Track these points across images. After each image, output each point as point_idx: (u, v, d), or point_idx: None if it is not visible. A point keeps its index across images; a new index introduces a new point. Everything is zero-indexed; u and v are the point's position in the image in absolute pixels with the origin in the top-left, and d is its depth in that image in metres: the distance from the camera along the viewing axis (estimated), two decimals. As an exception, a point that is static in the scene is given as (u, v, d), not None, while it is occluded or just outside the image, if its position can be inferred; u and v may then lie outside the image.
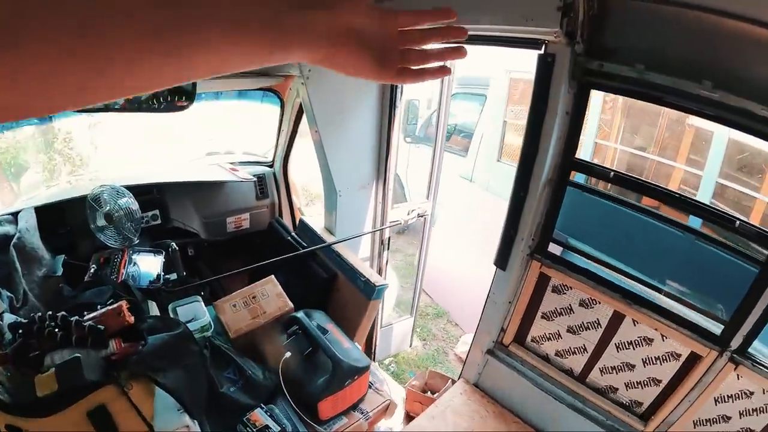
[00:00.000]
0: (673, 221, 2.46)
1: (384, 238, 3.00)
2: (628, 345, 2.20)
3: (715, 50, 1.69)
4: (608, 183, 2.16)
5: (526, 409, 2.53)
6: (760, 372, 1.86)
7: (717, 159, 3.13)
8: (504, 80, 4.11)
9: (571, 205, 2.54)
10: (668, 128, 3.59)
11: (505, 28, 1.95)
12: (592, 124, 3.58)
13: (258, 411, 2.00)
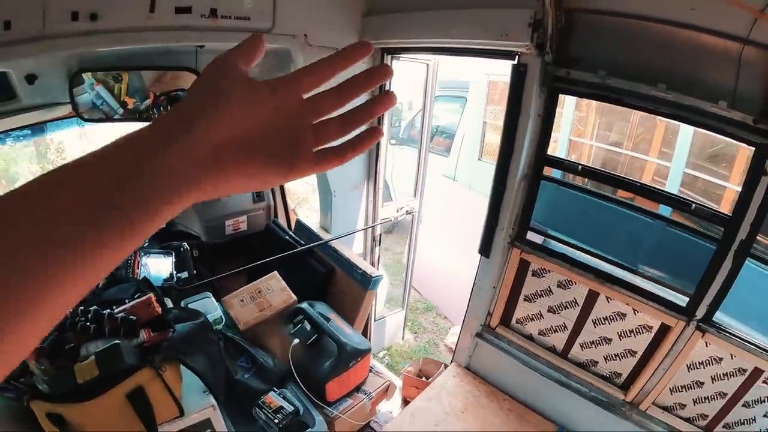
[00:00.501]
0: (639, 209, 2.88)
1: (375, 235, 3.33)
2: (604, 320, 2.58)
3: (668, 57, 2.07)
4: (578, 176, 2.57)
5: (515, 386, 2.90)
6: (726, 338, 2.24)
7: (683, 151, 3.58)
8: (483, 83, 4.52)
9: (549, 201, 2.95)
10: (640, 123, 4.04)
11: (483, 42, 2.35)
12: (566, 124, 4.01)
13: (272, 394, 2.29)
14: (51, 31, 1.79)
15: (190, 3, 1.98)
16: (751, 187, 2.00)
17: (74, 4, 1.81)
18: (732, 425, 2.48)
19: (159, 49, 2.11)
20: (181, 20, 1.99)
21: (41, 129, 2.67)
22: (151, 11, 1.92)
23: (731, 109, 1.93)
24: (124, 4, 1.89)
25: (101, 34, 1.88)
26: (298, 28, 2.37)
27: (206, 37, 2.09)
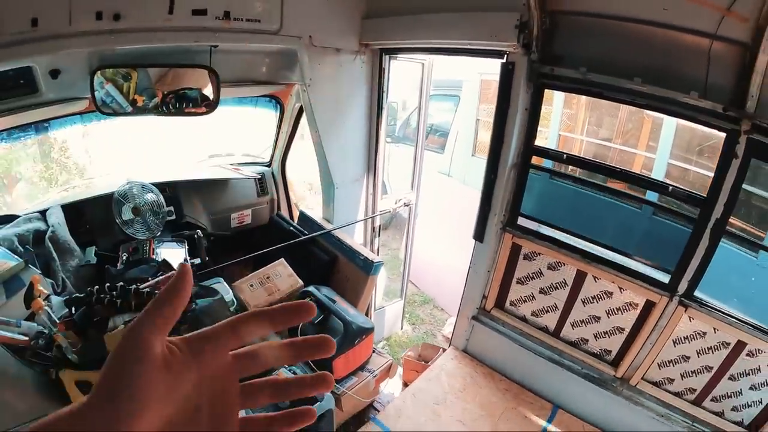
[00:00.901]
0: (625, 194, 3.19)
1: (375, 226, 3.60)
2: (592, 299, 2.85)
3: (644, 53, 2.37)
4: (563, 163, 2.86)
5: (511, 366, 3.16)
6: (707, 313, 2.53)
7: (667, 143, 3.91)
8: (475, 82, 4.87)
9: (540, 191, 3.24)
10: (628, 119, 4.38)
11: (475, 42, 2.64)
12: (555, 120, 4.34)
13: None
14: (76, 29, 2.01)
15: (206, 5, 2.22)
16: (723, 169, 2.27)
17: (99, 4, 2.03)
18: (719, 398, 2.73)
19: (176, 48, 2.34)
20: (197, 21, 2.24)
21: (45, 127, 2.89)
22: (170, 13, 2.16)
23: (702, 99, 2.20)
24: (145, 5, 2.12)
25: (123, 33, 2.11)
26: (303, 29, 2.62)
27: (220, 38, 2.33)
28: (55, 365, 1.88)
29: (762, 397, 2.63)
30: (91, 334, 2.00)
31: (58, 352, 1.90)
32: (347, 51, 2.98)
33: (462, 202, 3.96)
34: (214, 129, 3.57)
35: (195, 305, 2.14)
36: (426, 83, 3.43)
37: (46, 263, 2.47)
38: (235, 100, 3.12)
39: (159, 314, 0.39)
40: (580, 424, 3.01)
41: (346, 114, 3.14)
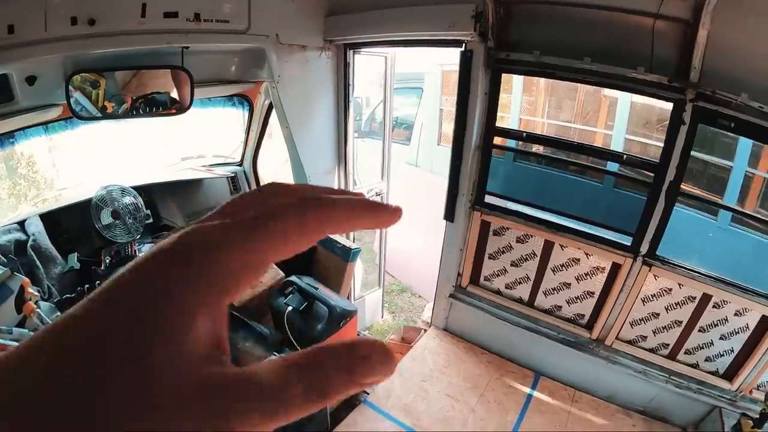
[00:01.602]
0: (588, 167, 3.56)
1: (350, 216, 3.85)
2: (561, 267, 3.21)
3: (592, 34, 2.72)
4: (523, 141, 3.22)
5: (491, 339, 3.49)
6: (671, 269, 2.90)
7: (623, 120, 4.35)
8: (437, 73, 5.25)
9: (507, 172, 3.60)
10: (587, 101, 4.83)
11: (433, 33, 2.95)
12: (515, 105, 4.76)
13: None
14: (52, 34, 2.17)
15: (177, 8, 2.43)
16: (672, 135, 2.66)
17: (74, 9, 2.19)
18: (693, 350, 3.11)
19: (149, 51, 2.53)
20: (168, 24, 2.45)
21: (11, 141, 3.03)
22: (143, 16, 2.36)
23: (649, 73, 2.57)
24: (118, 9, 2.31)
25: (98, 38, 2.29)
26: (270, 28, 2.86)
27: (191, 39, 2.54)
28: None
29: (733, 346, 3.01)
30: None
31: None
32: (313, 47, 3.24)
33: (430, 190, 4.27)
34: (185, 132, 3.78)
35: None
36: (389, 76, 3.74)
37: (30, 272, 2.59)
38: (204, 101, 3.31)
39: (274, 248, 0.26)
40: (563, 388, 3.36)
41: (314, 108, 3.41)
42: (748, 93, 2.41)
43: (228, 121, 3.66)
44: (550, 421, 3.15)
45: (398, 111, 6.02)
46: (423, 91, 5.72)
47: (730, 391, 3.08)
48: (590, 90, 4.70)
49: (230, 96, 3.39)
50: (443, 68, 5.19)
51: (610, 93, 4.48)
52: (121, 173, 3.27)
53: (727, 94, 2.46)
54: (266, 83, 3.18)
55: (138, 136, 3.75)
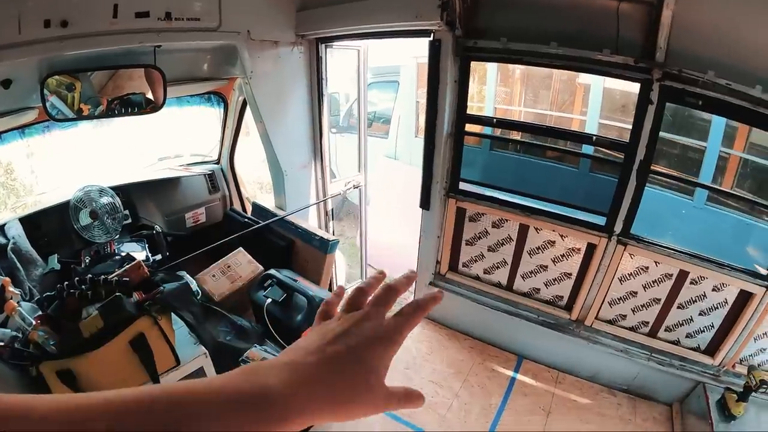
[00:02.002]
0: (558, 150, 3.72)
1: (328, 210, 4.03)
2: (538, 250, 3.36)
3: (558, 19, 2.87)
4: (494, 127, 3.39)
5: (472, 325, 3.64)
6: (646, 247, 3.06)
7: (596, 104, 4.54)
8: (412, 66, 5.46)
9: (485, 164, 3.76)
10: (561, 90, 5.04)
11: (401, 24, 3.09)
12: (489, 95, 4.95)
13: (254, 349, 2.86)
14: (26, 37, 2.27)
15: (148, 8, 2.56)
16: (641, 115, 2.81)
17: (46, 12, 2.30)
18: (673, 327, 3.28)
19: (122, 51, 2.65)
20: (140, 23, 2.57)
21: None
22: (115, 16, 2.48)
23: (615, 55, 2.72)
24: (90, 11, 2.42)
25: (72, 39, 2.40)
26: (241, 25, 3.00)
27: (163, 38, 2.67)
28: (34, 361, 2.05)
29: (713, 321, 3.18)
30: (66, 326, 2.23)
31: (36, 349, 2.08)
32: (284, 43, 3.38)
33: (409, 182, 4.40)
34: (162, 133, 3.92)
35: (163, 288, 2.45)
36: (362, 69, 3.90)
37: (11, 274, 2.65)
38: (180, 100, 3.44)
39: (408, 329, 0.55)
40: (546, 370, 3.52)
41: (288, 103, 3.55)
42: (714, 71, 2.55)
43: (204, 119, 3.79)
44: (534, 403, 3.31)
45: (377, 106, 6.32)
46: (399, 84, 5.93)
47: (712, 366, 3.24)
48: (565, 79, 4.92)
49: (205, 94, 3.52)
50: (418, 61, 5.38)
51: (584, 80, 4.68)
52: (99, 175, 3.37)
53: (693, 73, 2.60)
54: (239, 80, 3.33)
55: (115, 139, 3.88)
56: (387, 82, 6.19)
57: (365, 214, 4.36)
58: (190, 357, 2.39)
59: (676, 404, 3.41)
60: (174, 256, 3.34)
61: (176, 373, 2.31)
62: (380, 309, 0.55)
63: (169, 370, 2.29)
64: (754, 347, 3.22)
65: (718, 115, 3.60)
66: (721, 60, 2.56)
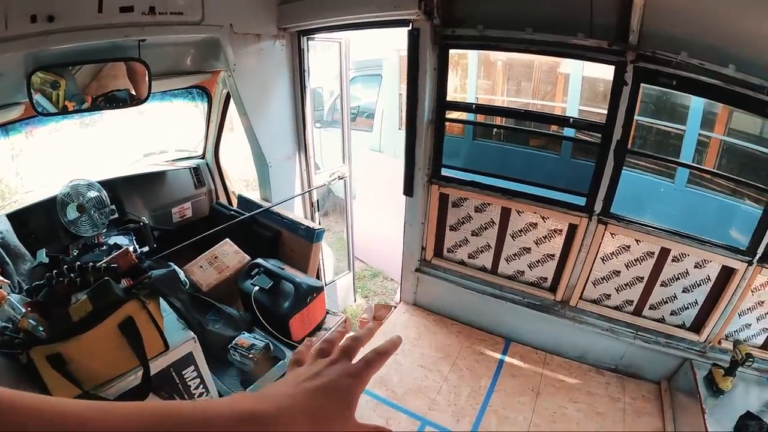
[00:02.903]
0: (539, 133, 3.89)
1: (313, 201, 4.19)
2: (520, 232, 3.53)
3: (533, 5, 3.03)
4: (473, 113, 3.57)
5: (459, 309, 3.80)
6: (626, 226, 3.22)
7: (576, 91, 4.75)
8: (395, 58, 5.66)
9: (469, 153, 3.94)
10: (542, 80, 5.26)
11: (381, 14, 3.25)
12: (471, 84, 5.17)
13: (242, 336, 2.98)
14: (13, 32, 2.39)
15: (132, 2, 2.70)
16: (616, 97, 2.97)
17: (33, 7, 2.42)
18: (657, 305, 3.43)
19: (107, 45, 2.78)
20: (125, 18, 2.71)
21: None
22: (100, 11, 2.61)
23: (589, 39, 2.89)
24: (76, 5, 2.55)
25: (58, 34, 2.53)
26: (224, 18, 3.15)
27: (147, 32, 2.81)
28: (25, 347, 2.09)
29: (696, 298, 3.33)
30: (56, 311, 2.31)
31: (26, 335, 2.12)
32: (267, 36, 3.54)
33: (395, 174, 4.57)
34: (147, 129, 4.06)
35: (150, 275, 2.56)
36: (344, 61, 4.08)
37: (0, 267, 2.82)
38: (166, 95, 3.60)
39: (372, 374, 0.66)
40: (533, 352, 3.68)
41: (271, 95, 3.71)
42: (687, 51, 2.69)
43: (189, 115, 3.95)
44: (522, 384, 3.46)
45: (361, 100, 6.54)
46: (382, 77, 6.15)
47: (698, 342, 3.39)
48: (546, 69, 5.14)
49: (189, 88, 3.66)
50: (400, 53, 5.56)
51: (564, 70, 4.89)
52: (85, 172, 3.47)
53: (667, 54, 2.75)
54: (223, 73, 3.49)
55: (101, 136, 4.03)
56: (370, 76, 6.41)
57: (351, 207, 4.54)
58: (179, 342, 2.45)
59: (664, 382, 3.55)
60: (161, 250, 3.45)
61: (165, 357, 2.37)
62: (346, 356, 0.66)
63: (159, 355, 2.35)
64: (739, 323, 3.37)
65: (692, 95, 3.75)
66: (694, 40, 2.70)
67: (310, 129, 3.99)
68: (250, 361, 2.86)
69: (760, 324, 3.37)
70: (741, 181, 3.84)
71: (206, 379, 2.56)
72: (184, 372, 2.46)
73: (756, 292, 3.24)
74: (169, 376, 2.40)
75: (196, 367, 2.51)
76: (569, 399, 3.40)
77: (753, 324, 3.38)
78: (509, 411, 3.27)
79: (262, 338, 2.98)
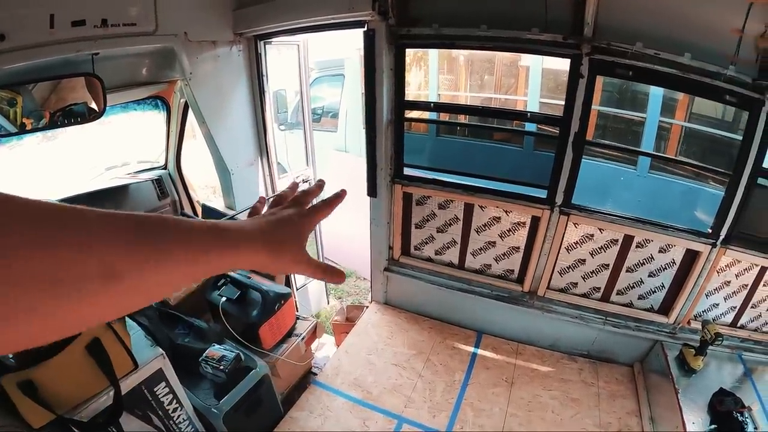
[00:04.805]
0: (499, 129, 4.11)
1: (278, 206, 4.31)
2: (484, 227, 3.70)
3: (488, 3, 3.17)
4: (431, 111, 3.76)
5: (430, 306, 3.97)
6: (588, 216, 3.39)
7: (536, 85, 4.98)
8: (356, 58, 5.80)
9: (433, 150, 4.14)
10: (504, 74, 5.50)
11: (336, 16, 3.37)
12: (433, 81, 5.39)
13: (213, 348, 3.06)
14: None
15: (84, 16, 2.75)
16: (573, 89, 3.14)
17: None
18: (624, 291, 3.63)
19: (60, 61, 2.83)
20: (77, 32, 2.76)
21: None
22: (51, 27, 2.66)
23: (543, 33, 3.03)
24: (28, 23, 2.59)
25: (10, 53, 2.58)
26: (178, 27, 3.23)
27: (100, 45, 2.87)
28: None
29: (663, 282, 3.54)
30: None
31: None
32: (223, 42, 3.62)
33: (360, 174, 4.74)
34: (108, 143, 4.13)
35: None
36: (303, 63, 4.21)
37: None
38: (125, 106, 3.65)
39: (320, 218, 0.80)
40: (505, 343, 3.88)
41: (230, 102, 3.81)
42: (642, 41, 2.85)
43: (150, 125, 4.01)
44: (497, 375, 3.64)
45: (325, 100, 6.71)
46: (344, 77, 6.31)
47: (667, 324, 3.61)
48: (507, 63, 5.37)
49: (147, 99, 3.73)
50: (361, 52, 5.73)
51: (525, 63, 5.14)
52: (46, 191, 3.55)
53: (622, 45, 2.90)
54: (180, 82, 3.56)
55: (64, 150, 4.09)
56: (334, 76, 6.59)
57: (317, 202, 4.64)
58: (148, 359, 2.52)
59: (636, 364, 3.78)
60: None
61: (135, 376, 2.44)
62: (298, 204, 0.80)
63: (129, 374, 2.42)
64: (707, 303, 3.59)
65: (649, 84, 4.01)
66: (649, 31, 2.86)
67: (271, 133, 4.10)
68: (221, 373, 2.94)
69: (727, 303, 3.60)
70: (700, 165, 4.12)
71: (179, 395, 2.64)
72: (156, 389, 2.54)
73: (722, 273, 3.45)
74: (141, 394, 2.48)
75: (167, 383, 2.58)
76: (543, 387, 3.60)
77: (720, 303, 3.60)
78: (485, 403, 3.44)
79: (233, 349, 3.06)
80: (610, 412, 3.48)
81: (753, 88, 2.84)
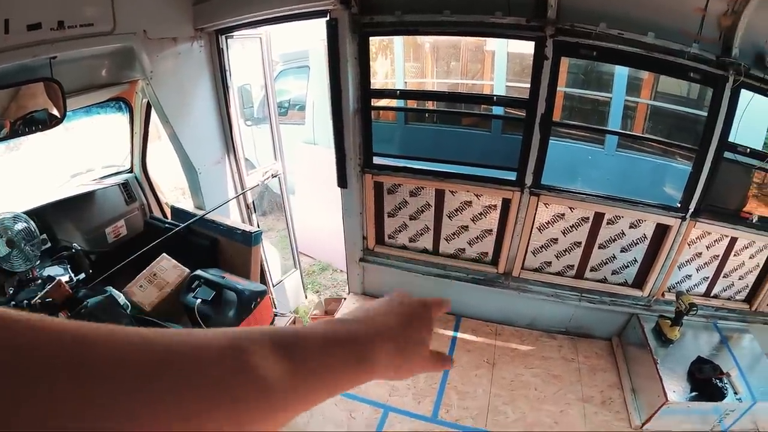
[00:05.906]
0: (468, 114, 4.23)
1: (249, 203, 4.36)
2: (456, 212, 3.82)
3: None
4: (397, 98, 3.87)
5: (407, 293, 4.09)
6: (558, 195, 3.53)
7: (502, 68, 5.13)
8: (321, 48, 5.84)
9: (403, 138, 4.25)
10: (470, 59, 5.64)
11: (298, 6, 3.43)
12: (399, 68, 5.50)
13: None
14: None
15: (39, 19, 2.75)
16: (538, 71, 3.25)
17: None
18: (598, 267, 3.79)
19: (16, 67, 2.83)
20: (33, 36, 2.76)
21: None
22: (6, 32, 2.65)
23: (506, 17, 3.11)
24: None
25: None
26: (136, 25, 3.23)
27: (57, 48, 2.87)
28: None
29: (635, 256, 3.70)
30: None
31: None
32: (183, 39, 3.63)
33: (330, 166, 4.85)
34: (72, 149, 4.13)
35: (86, 304, 2.71)
36: (267, 56, 4.27)
37: None
38: (87, 110, 3.66)
39: (439, 311, 0.78)
40: (484, 325, 4.03)
41: (194, 99, 3.84)
42: (606, 22, 2.95)
43: (114, 128, 4.02)
44: (478, 357, 3.78)
45: (292, 93, 6.81)
46: (310, 69, 6.38)
47: (642, 297, 3.79)
48: (472, 48, 5.51)
49: (108, 101, 3.73)
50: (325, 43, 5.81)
51: (491, 47, 5.28)
52: (9, 202, 3.53)
53: (585, 26, 3.01)
54: (141, 82, 3.57)
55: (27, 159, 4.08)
56: (299, 68, 6.66)
57: (288, 203, 4.75)
58: None
59: (615, 338, 3.96)
60: (99, 274, 3.52)
61: None
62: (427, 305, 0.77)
63: None
64: (680, 275, 3.79)
65: (614, 64, 4.17)
66: (612, 11, 2.96)
67: (237, 129, 4.15)
68: (199, 378, 3.02)
69: (700, 274, 3.79)
70: (667, 142, 4.30)
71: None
72: (135, 399, 2.60)
73: (693, 245, 3.63)
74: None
75: (146, 393, 2.65)
76: (525, 366, 3.75)
77: (693, 274, 3.80)
78: (468, 386, 3.57)
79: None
80: (592, 386, 3.64)
81: (717, 65, 2.99)
